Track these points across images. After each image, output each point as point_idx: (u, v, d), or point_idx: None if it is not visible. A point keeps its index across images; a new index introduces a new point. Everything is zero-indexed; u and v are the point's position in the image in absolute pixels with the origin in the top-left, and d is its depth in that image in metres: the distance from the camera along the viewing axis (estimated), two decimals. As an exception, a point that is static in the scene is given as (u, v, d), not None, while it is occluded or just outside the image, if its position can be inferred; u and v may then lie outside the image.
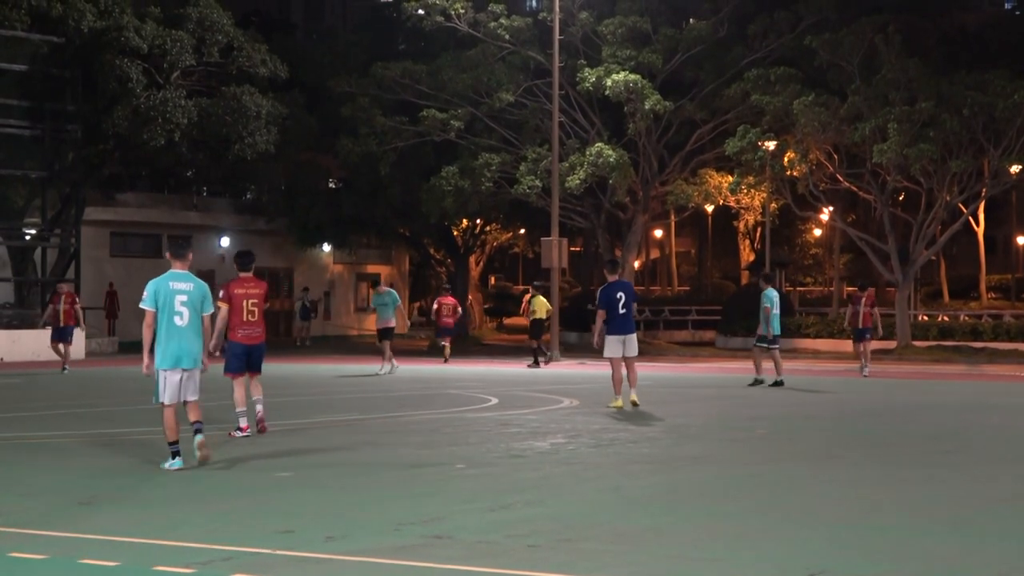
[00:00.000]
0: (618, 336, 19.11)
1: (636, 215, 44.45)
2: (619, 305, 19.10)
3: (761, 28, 41.94)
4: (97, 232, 45.59)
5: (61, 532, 9.12)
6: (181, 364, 12.39)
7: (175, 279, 12.51)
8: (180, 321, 12.36)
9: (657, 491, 11.33)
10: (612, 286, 19.33)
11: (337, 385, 25.76)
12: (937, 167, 39.15)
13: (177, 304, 12.37)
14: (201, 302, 12.55)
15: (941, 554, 8.65)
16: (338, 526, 9.38)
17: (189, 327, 12.41)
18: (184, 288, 12.46)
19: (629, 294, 19.41)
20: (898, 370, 33.00)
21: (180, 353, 12.38)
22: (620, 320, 19.14)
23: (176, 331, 12.35)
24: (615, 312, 19.11)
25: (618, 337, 19.10)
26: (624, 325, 19.16)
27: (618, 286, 19.38)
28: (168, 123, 38.79)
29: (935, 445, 15.09)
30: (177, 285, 12.46)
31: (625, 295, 19.24)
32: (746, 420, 18.07)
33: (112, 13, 39.85)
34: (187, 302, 12.43)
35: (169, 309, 12.35)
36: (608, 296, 19.19)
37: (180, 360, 12.39)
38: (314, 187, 48.72)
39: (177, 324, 12.35)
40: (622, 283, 19.80)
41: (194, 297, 12.49)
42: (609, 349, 19.16)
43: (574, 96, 42.48)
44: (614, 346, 19.12)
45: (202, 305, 12.55)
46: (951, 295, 64.60)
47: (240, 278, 15.32)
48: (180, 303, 12.39)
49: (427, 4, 42.88)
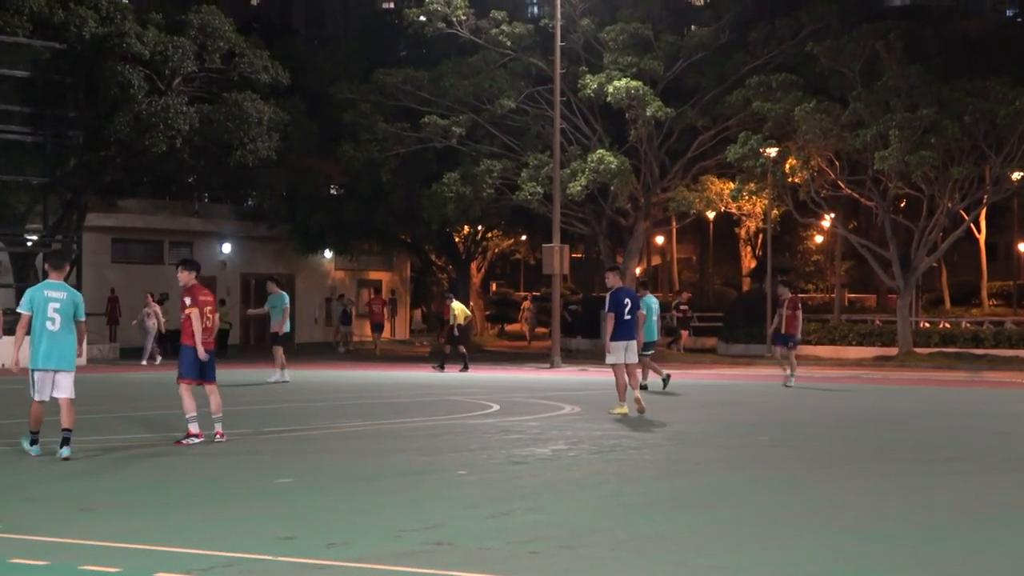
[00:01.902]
0: (622, 342, 19.17)
1: (637, 222, 44.45)
2: (625, 311, 19.22)
3: (762, 35, 41.97)
4: (98, 238, 45.61)
5: (62, 538, 9.11)
6: (50, 365, 13.58)
7: (50, 288, 13.79)
8: (52, 326, 13.59)
9: (658, 498, 11.32)
10: (620, 292, 19.47)
11: (338, 390, 25.74)
12: (938, 174, 39.16)
13: (50, 310, 13.60)
14: (73, 310, 13.72)
15: (943, 561, 8.64)
16: (339, 532, 9.37)
17: (60, 331, 13.61)
18: (58, 296, 13.71)
19: (635, 302, 19.62)
20: (900, 377, 32.97)
21: (50, 354, 13.57)
22: (625, 326, 19.23)
23: (48, 334, 13.58)
24: (621, 318, 19.20)
25: (622, 343, 19.17)
26: (628, 331, 19.25)
27: (625, 293, 19.56)
28: (169, 129, 38.81)
29: (937, 452, 15.08)
30: (51, 293, 13.72)
31: (631, 302, 19.40)
32: (748, 427, 18.05)
33: (114, 19, 39.88)
34: (59, 309, 13.63)
35: (42, 314, 13.58)
36: (618, 301, 19.27)
37: (49, 361, 13.57)
38: (315, 193, 48.75)
39: (49, 328, 13.58)
40: (628, 291, 20.03)
41: (66, 305, 13.70)
42: (614, 356, 19.19)
43: (576, 103, 42.51)
44: (618, 353, 19.17)
45: (74, 312, 13.72)
46: (952, 302, 64.52)
47: (196, 285, 15.34)
48: (53, 309, 13.61)
49: (429, 11, 42.93)
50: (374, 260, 57.02)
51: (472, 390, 25.46)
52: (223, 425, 15.35)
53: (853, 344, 42.60)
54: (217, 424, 15.28)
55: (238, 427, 17.60)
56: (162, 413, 19.47)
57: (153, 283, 43.31)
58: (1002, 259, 72.28)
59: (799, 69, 40.94)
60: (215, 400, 15.36)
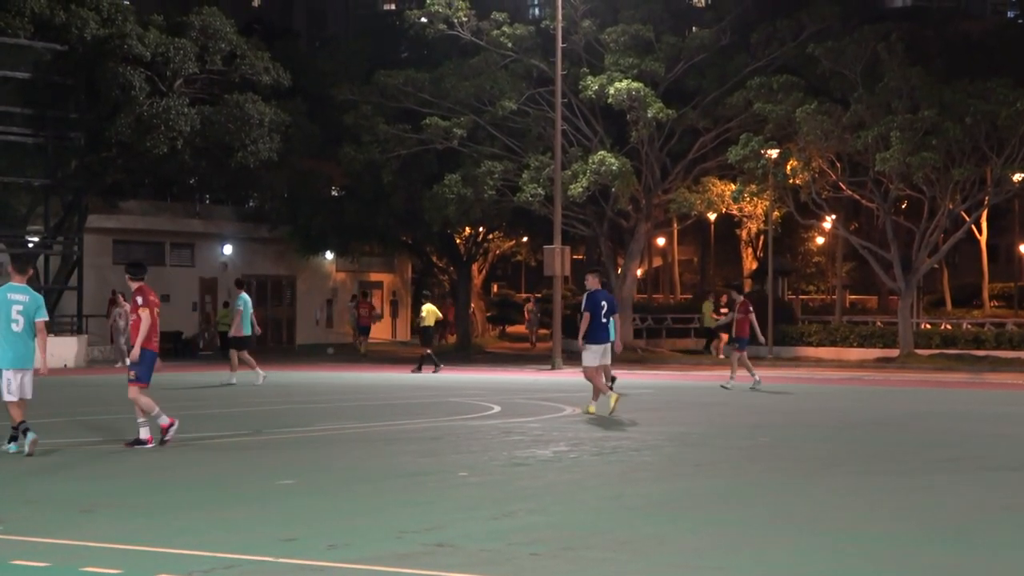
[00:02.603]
0: (598, 345, 19.51)
1: (639, 223, 44.45)
2: (601, 313, 19.50)
3: (764, 36, 41.97)
4: (100, 240, 45.58)
5: (63, 540, 9.11)
6: (17, 364, 14.11)
7: (12, 291, 14.26)
8: (16, 327, 14.10)
9: (659, 499, 11.32)
10: (596, 294, 19.74)
11: (338, 391, 25.75)
12: (940, 175, 39.16)
13: (14, 312, 14.11)
14: (35, 311, 14.21)
15: (943, 563, 8.65)
16: (340, 534, 9.37)
17: (24, 333, 14.13)
18: (20, 299, 14.19)
19: (611, 304, 19.86)
20: (901, 378, 32.97)
21: (16, 355, 14.11)
22: (601, 328, 19.56)
23: (13, 336, 14.09)
24: (597, 320, 19.49)
25: (599, 346, 19.51)
26: (603, 334, 19.60)
27: (601, 295, 19.82)
28: (171, 131, 38.80)
29: (937, 453, 15.08)
30: (14, 296, 14.21)
31: (608, 305, 19.67)
32: (748, 428, 18.05)
33: (115, 21, 39.85)
34: (23, 311, 14.14)
35: (6, 317, 14.07)
36: (594, 302, 19.54)
37: (16, 361, 14.11)
38: (317, 195, 48.73)
39: (14, 330, 14.09)
40: (605, 293, 20.22)
41: (29, 307, 14.19)
42: (589, 358, 19.50)
43: (577, 104, 42.51)
44: (595, 355, 19.48)
45: (35, 314, 14.20)
46: (954, 303, 64.54)
47: (145, 286, 15.30)
48: (16, 312, 14.12)
49: (430, 12, 42.90)
50: (375, 262, 57.01)
51: (473, 392, 25.47)
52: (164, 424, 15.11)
53: (854, 346, 42.63)
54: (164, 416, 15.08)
55: (239, 428, 17.63)
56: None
57: (154, 284, 43.26)
58: (1003, 260, 72.30)
59: (800, 70, 40.94)
60: None
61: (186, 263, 49.29)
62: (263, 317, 52.21)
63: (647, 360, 41.31)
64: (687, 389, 27.56)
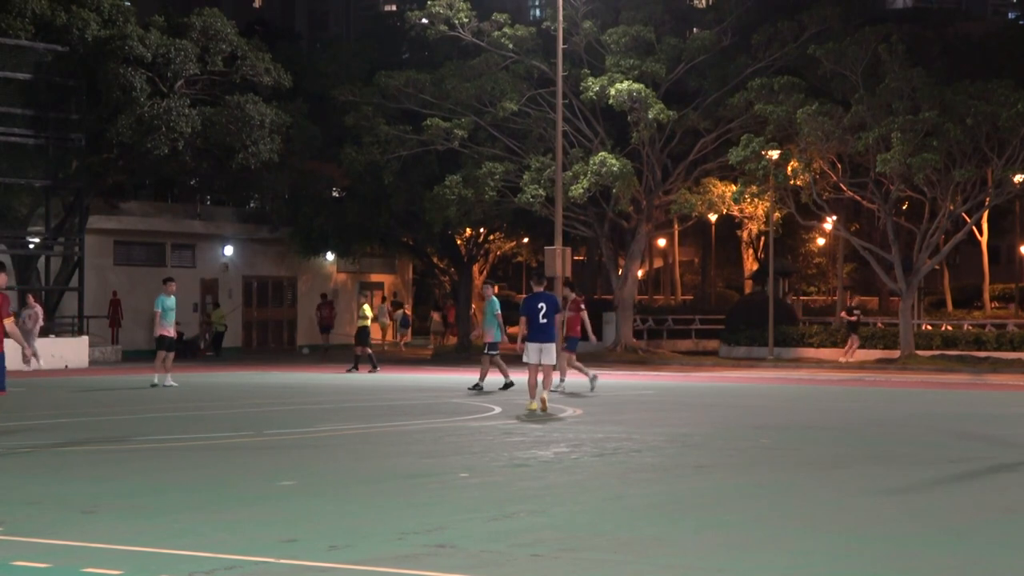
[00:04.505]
0: (536, 344, 20.50)
1: (639, 224, 44.44)
2: (539, 315, 20.53)
3: (765, 38, 41.94)
4: (100, 241, 45.61)
5: (64, 540, 9.12)
6: None
7: None
8: None
9: (660, 500, 11.33)
10: (535, 297, 20.86)
11: (338, 391, 25.75)
12: (941, 176, 39.14)
13: None
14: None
15: (945, 564, 8.65)
16: (341, 535, 9.37)
17: None
18: None
19: (551, 306, 20.81)
20: (902, 379, 32.97)
21: None
22: (540, 329, 20.53)
23: None
24: (536, 322, 20.55)
25: (536, 345, 20.50)
26: (543, 334, 20.54)
27: (540, 297, 20.86)
28: (172, 132, 38.82)
29: (939, 454, 15.07)
30: None
31: (547, 306, 20.67)
32: (750, 429, 18.06)
33: (116, 22, 39.85)
34: None
35: None
36: (530, 306, 20.69)
37: None
38: (318, 196, 48.72)
39: None
40: (545, 295, 21.14)
41: None
42: (527, 355, 20.53)
43: (578, 105, 42.50)
44: (532, 353, 20.44)
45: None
46: (955, 304, 64.56)
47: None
48: None
49: (431, 13, 42.88)
50: (376, 263, 57.03)
51: (474, 392, 25.46)
52: None
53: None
54: None
55: (239, 429, 17.63)
56: (162, 415, 19.49)
57: (155, 285, 43.28)
58: (1004, 262, 72.34)
59: (801, 72, 40.91)
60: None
61: (187, 264, 49.29)
62: (264, 318, 52.37)
63: (648, 361, 41.32)
64: (688, 390, 27.55)
